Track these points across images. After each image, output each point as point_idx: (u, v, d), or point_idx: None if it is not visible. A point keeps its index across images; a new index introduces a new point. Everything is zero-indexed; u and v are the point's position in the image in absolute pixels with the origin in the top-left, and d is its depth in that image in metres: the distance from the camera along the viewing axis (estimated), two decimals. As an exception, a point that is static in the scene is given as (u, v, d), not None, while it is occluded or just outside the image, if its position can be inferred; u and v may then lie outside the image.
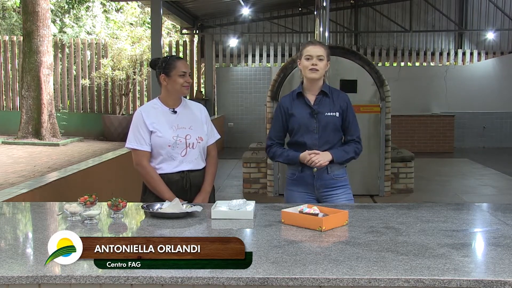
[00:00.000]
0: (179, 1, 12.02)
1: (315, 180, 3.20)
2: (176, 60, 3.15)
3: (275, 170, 7.29)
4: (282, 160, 3.26)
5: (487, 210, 2.84)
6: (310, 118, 3.18)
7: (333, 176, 3.20)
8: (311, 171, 3.18)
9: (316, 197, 3.24)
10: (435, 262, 1.91)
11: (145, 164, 3.10)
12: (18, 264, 1.90)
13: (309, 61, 3.14)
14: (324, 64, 3.16)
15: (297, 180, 3.24)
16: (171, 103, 3.17)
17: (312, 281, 1.77)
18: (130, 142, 3.13)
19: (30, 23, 13.42)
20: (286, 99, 3.31)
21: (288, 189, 3.31)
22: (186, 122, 3.15)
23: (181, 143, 3.09)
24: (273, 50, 14.70)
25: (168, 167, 3.10)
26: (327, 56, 3.18)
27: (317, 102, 3.20)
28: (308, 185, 3.21)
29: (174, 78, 3.10)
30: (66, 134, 14.76)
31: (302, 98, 3.23)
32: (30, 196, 3.83)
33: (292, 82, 7.20)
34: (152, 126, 3.09)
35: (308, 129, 3.18)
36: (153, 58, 3.31)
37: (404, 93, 13.13)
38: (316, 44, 3.21)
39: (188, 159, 3.13)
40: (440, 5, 14.50)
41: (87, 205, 2.55)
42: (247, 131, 13.95)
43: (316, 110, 3.18)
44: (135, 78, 14.92)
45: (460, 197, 7.51)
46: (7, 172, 9.41)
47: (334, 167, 3.20)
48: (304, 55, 3.17)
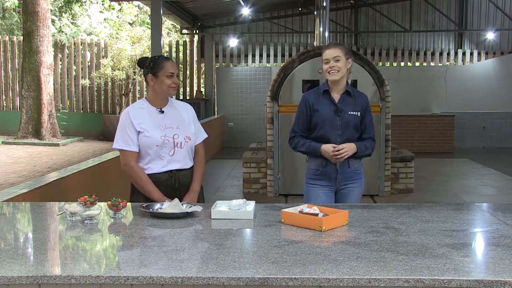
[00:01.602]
0: (179, 1, 12.02)
1: (338, 173, 3.39)
2: (164, 61, 3.14)
3: (275, 170, 7.29)
4: (304, 149, 3.42)
5: (487, 210, 2.84)
6: (334, 115, 3.35)
7: (353, 169, 3.43)
8: (334, 165, 3.37)
9: (336, 189, 3.45)
10: (435, 262, 1.91)
11: (132, 165, 3.09)
12: (18, 264, 1.90)
13: (327, 65, 3.32)
14: (342, 64, 3.31)
15: (321, 174, 3.41)
16: (158, 103, 3.16)
17: (312, 281, 1.77)
18: (117, 143, 3.12)
19: (30, 23, 13.43)
20: (311, 95, 3.46)
21: (310, 184, 3.46)
22: (174, 122, 3.14)
23: (169, 142, 3.09)
24: (273, 50, 14.70)
25: (156, 166, 3.09)
26: (345, 55, 3.33)
27: (341, 101, 3.37)
28: (331, 179, 3.40)
29: (162, 78, 3.10)
30: (66, 134, 14.76)
31: (327, 96, 3.39)
32: (30, 196, 3.82)
33: (292, 82, 7.20)
34: (139, 126, 3.08)
35: (332, 126, 3.34)
36: (141, 58, 3.30)
37: (404, 93, 13.13)
38: (330, 47, 3.36)
39: (176, 158, 3.12)
40: (440, 5, 14.49)
41: (87, 205, 2.55)
42: (247, 131, 13.95)
43: (340, 108, 3.35)
44: (135, 78, 14.92)
45: (460, 197, 7.51)
46: (7, 172, 9.41)
47: (354, 161, 3.41)
48: (323, 60, 3.36)
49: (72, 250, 2.15)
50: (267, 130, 7.36)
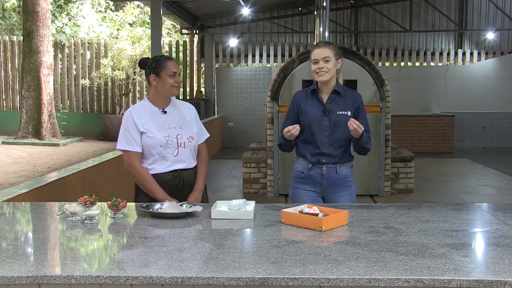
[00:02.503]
0: (179, 1, 12.02)
1: (324, 179, 3.23)
2: (167, 60, 3.14)
3: (275, 170, 7.29)
4: (278, 142, 3.29)
5: (487, 210, 2.84)
6: (322, 116, 3.21)
7: (341, 176, 3.25)
8: (320, 169, 3.23)
9: (322, 196, 3.27)
10: (435, 262, 1.91)
11: (136, 165, 3.09)
12: (18, 264, 1.90)
13: (316, 65, 3.17)
14: (332, 65, 3.17)
15: (305, 178, 3.26)
16: (160, 103, 3.16)
17: (312, 281, 1.77)
18: (121, 144, 3.12)
19: (30, 23, 13.42)
20: (299, 95, 3.34)
21: (295, 187, 3.33)
22: (176, 122, 3.14)
23: (173, 143, 3.09)
24: (273, 50, 14.69)
25: (160, 167, 3.10)
26: (335, 56, 3.18)
27: (330, 101, 3.23)
28: (316, 184, 3.25)
29: (164, 78, 3.10)
30: (66, 134, 14.76)
31: (315, 96, 3.26)
32: (30, 196, 3.82)
33: (292, 82, 7.20)
34: (142, 127, 3.07)
35: (320, 126, 3.20)
36: (142, 58, 3.30)
37: (404, 93, 13.13)
38: (320, 46, 3.21)
39: (180, 158, 3.12)
40: (440, 5, 14.49)
41: (87, 205, 2.55)
42: (247, 131, 13.95)
43: (328, 108, 3.21)
44: (135, 78, 14.92)
45: (460, 197, 7.51)
46: (7, 172, 9.40)
47: (342, 167, 3.25)
48: (311, 59, 3.21)
49: (72, 250, 2.15)
50: (267, 130, 7.37)
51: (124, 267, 1.89)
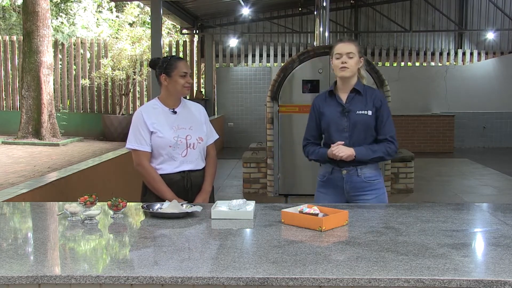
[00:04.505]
0: (179, 1, 12.02)
1: (345, 182, 3.11)
2: (178, 61, 3.14)
3: (275, 170, 7.29)
4: (314, 157, 3.18)
5: (487, 210, 2.84)
6: (341, 117, 3.09)
7: (364, 178, 3.09)
8: (340, 173, 3.10)
9: (346, 200, 3.13)
10: (435, 262, 1.91)
11: (145, 165, 3.09)
12: (18, 264, 1.90)
13: (339, 60, 3.06)
14: (355, 62, 3.06)
15: (327, 182, 3.16)
16: (171, 103, 3.16)
17: (312, 281, 1.77)
18: (130, 143, 3.12)
19: (30, 23, 13.42)
20: (319, 98, 3.24)
21: (317, 191, 3.25)
22: (186, 123, 3.15)
23: (182, 143, 3.09)
24: (273, 50, 14.70)
25: (169, 167, 3.10)
26: (358, 53, 3.09)
27: (349, 100, 3.11)
28: (337, 188, 3.13)
29: (175, 78, 3.10)
30: (66, 134, 14.75)
31: (334, 96, 3.15)
32: (30, 196, 3.82)
33: (292, 82, 7.20)
34: (152, 127, 3.08)
35: (338, 128, 3.09)
36: (153, 58, 3.29)
37: (404, 93, 13.13)
38: (345, 42, 3.12)
39: (189, 159, 3.12)
40: (440, 5, 14.49)
41: (87, 205, 2.55)
42: (247, 131, 13.95)
43: (347, 108, 3.09)
44: (135, 78, 14.91)
45: (460, 197, 7.51)
46: (7, 172, 9.40)
47: (365, 169, 3.09)
48: (334, 54, 3.10)
49: (72, 250, 2.15)
50: (267, 130, 7.36)
51: (124, 267, 1.89)
